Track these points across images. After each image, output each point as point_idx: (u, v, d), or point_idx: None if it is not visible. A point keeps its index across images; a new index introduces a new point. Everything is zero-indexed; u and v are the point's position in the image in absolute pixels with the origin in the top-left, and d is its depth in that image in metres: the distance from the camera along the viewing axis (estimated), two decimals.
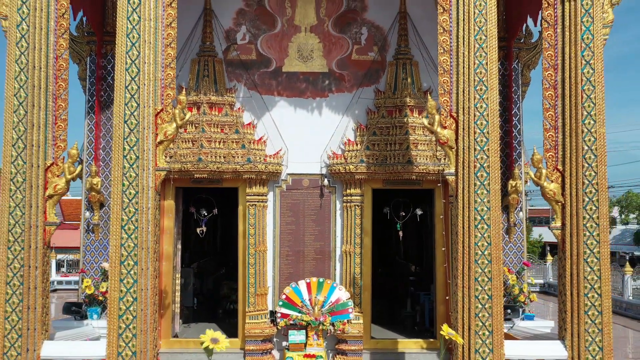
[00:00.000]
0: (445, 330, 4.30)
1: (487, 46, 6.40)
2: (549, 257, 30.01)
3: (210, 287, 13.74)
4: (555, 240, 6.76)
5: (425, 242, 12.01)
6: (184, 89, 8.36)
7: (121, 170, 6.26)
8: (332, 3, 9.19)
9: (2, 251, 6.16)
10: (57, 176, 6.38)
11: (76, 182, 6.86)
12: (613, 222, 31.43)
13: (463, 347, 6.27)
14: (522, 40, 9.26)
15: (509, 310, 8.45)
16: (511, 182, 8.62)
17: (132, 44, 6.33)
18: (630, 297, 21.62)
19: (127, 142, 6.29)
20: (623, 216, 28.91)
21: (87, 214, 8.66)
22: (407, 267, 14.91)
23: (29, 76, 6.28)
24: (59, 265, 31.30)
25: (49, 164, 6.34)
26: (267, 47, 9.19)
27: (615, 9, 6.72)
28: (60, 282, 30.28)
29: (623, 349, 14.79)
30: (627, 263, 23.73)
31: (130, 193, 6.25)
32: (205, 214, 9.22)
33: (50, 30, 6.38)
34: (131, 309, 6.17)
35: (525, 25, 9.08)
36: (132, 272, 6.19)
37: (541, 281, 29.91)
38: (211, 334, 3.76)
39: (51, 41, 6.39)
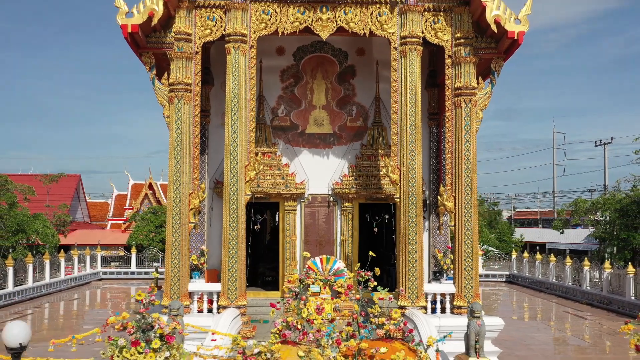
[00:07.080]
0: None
1: (415, 132, 12.39)
2: (514, 254, 35.32)
3: None
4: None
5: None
6: (258, 153, 14.30)
7: (229, 195, 12.26)
8: (335, 91, 15.26)
9: (169, 237, 12.19)
10: (194, 199, 12.39)
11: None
12: (566, 223, 37.26)
13: (404, 288, 12.28)
14: None
15: (437, 274, 14.52)
16: (439, 199, 14.57)
17: (233, 131, 12.33)
18: (570, 283, 27.65)
19: (231, 181, 12.28)
20: (573, 219, 34.48)
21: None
22: (388, 256, 20.97)
23: (181, 147, 12.30)
24: (104, 260, 36.43)
25: (190, 192, 12.35)
26: (296, 118, 15.25)
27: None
28: (104, 273, 35.77)
29: (563, 322, 20.60)
30: (568, 256, 29.58)
31: (232, 208, 12.25)
32: (259, 217, 15.27)
33: (190, 122, 12.41)
34: (234, 266, 12.17)
35: None
36: (234, 248, 12.19)
37: (507, 272, 35.36)
38: (305, 252, 9.84)
39: (191, 128, 12.40)
